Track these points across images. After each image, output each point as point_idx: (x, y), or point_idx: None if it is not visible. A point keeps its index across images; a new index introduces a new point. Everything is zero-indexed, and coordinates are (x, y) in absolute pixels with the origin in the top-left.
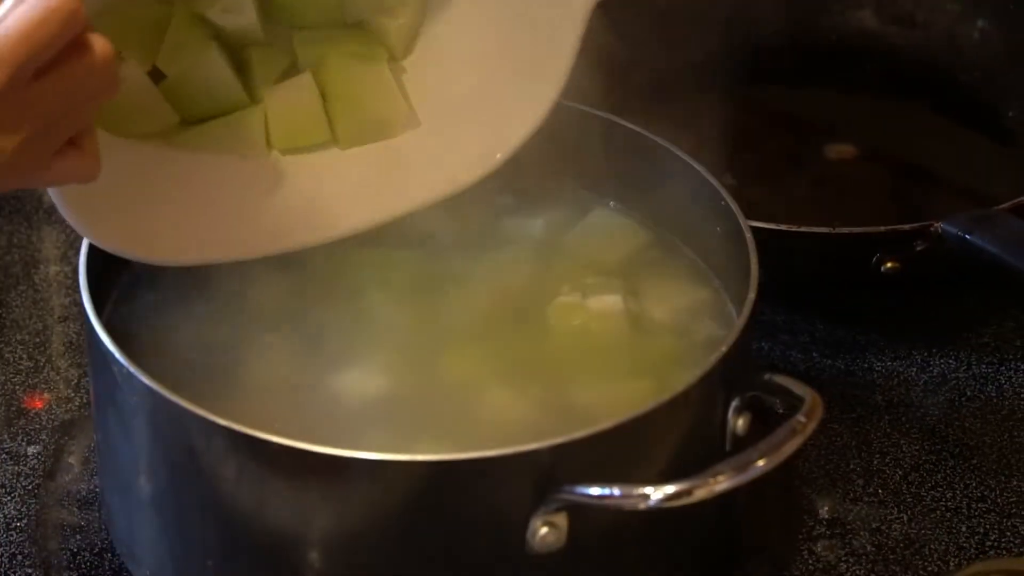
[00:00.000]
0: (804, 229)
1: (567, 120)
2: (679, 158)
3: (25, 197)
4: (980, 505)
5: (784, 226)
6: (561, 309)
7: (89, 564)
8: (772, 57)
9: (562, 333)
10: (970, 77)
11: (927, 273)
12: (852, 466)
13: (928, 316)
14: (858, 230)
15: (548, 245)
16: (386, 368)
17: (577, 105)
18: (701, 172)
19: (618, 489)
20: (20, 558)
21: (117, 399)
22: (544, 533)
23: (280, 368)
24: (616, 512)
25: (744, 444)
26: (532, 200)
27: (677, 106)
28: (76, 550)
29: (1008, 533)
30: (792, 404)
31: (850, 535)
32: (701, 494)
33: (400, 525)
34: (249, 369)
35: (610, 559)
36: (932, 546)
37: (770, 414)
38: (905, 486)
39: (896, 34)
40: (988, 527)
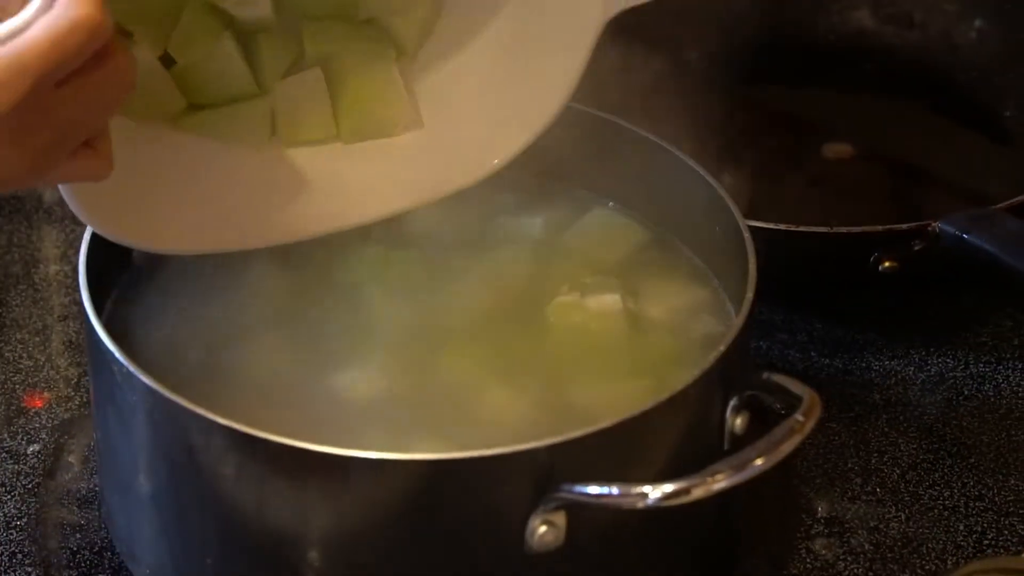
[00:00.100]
0: (802, 229)
1: (566, 120)
2: (677, 157)
3: (25, 197)
4: (977, 504)
5: (782, 226)
6: (560, 308)
7: (89, 563)
8: (770, 57)
9: (561, 332)
10: (967, 77)
11: (925, 272)
12: (850, 465)
13: (926, 315)
14: (856, 230)
15: (547, 244)
16: (385, 367)
17: (576, 105)
18: (699, 172)
19: (616, 488)
20: (20, 556)
21: (117, 398)
22: (543, 532)
23: (279, 367)
24: (614, 511)
25: (742, 443)
26: (531, 199)
27: (675, 105)
28: (76, 549)
29: (1005, 532)
30: (790, 403)
31: (848, 534)
32: (699, 493)
33: (399, 524)
34: (248, 368)
35: (608, 558)
36: (930, 545)
37: (768, 413)
38: (903, 485)
39: (893, 34)
40: (986, 526)
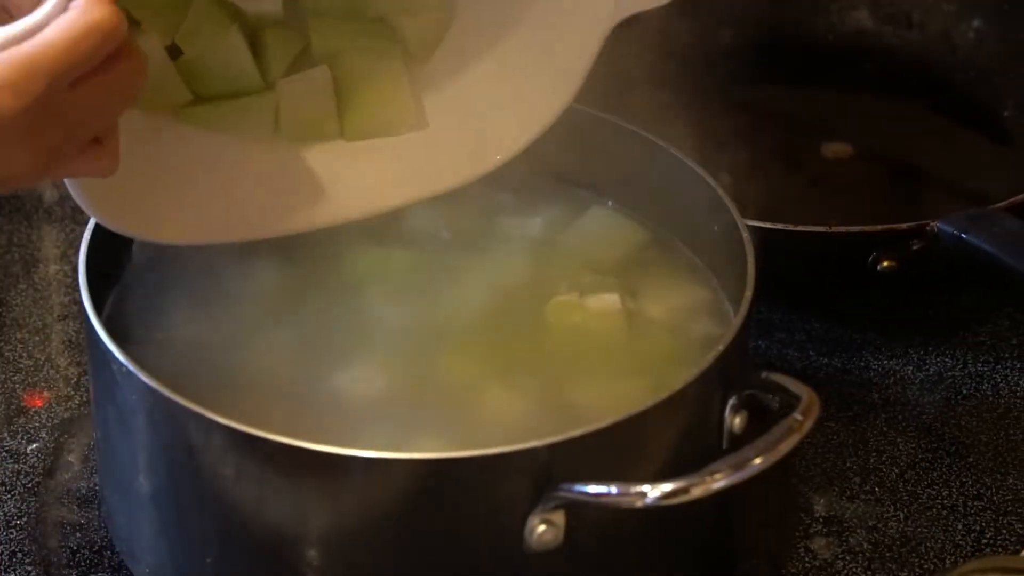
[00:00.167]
0: (801, 228)
1: (566, 119)
2: (676, 157)
3: (25, 197)
4: (976, 503)
5: (781, 225)
6: (559, 308)
7: (88, 562)
8: (769, 57)
9: (560, 332)
10: (966, 77)
11: (923, 272)
12: (849, 464)
13: (924, 315)
14: (854, 229)
15: (546, 244)
16: (384, 366)
17: (575, 104)
18: (698, 171)
19: (615, 487)
20: (20, 556)
21: (116, 397)
22: (542, 531)
23: (279, 366)
24: (613, 510)
25: (741, 442)
26: (530, 199)
27: (674, 105)
28: (76, 548)
29: (1004, 531)
30: (789, 402)
31: (847, 533)
32: (698, 492)
33: (398, 523)
34: (248, 367)
35: (607, 557)
36: (928, 544)
37: (767, 412)
38: (901, 484)
39: (892, 34)
40: (984, 525)
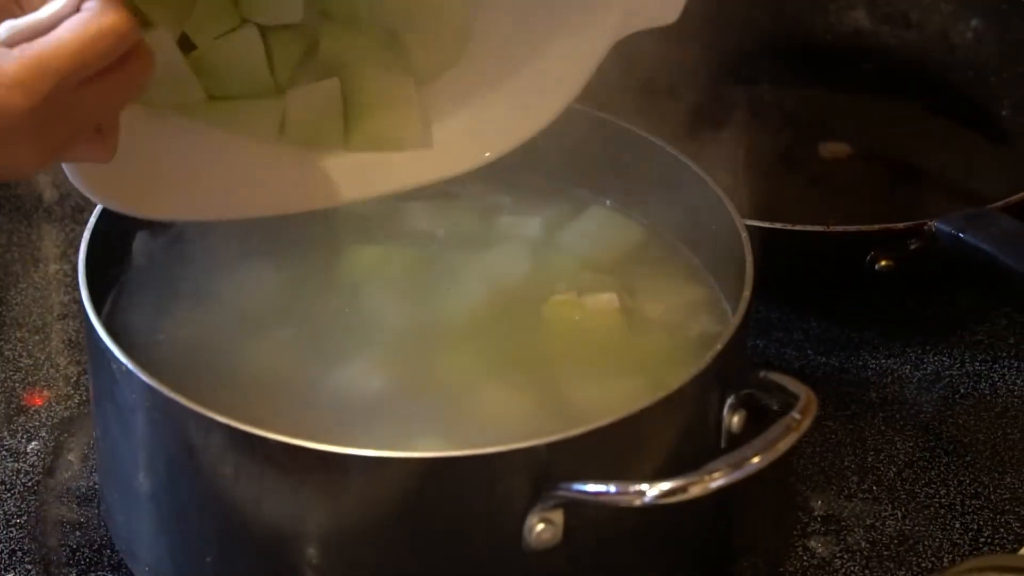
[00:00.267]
0: (799, 228)
1: (564, 119)
2: (674, 156)
3: (25, 196)
4: (974, 502)
5: (779, 225)
6: (557, 307)
7: (88, 560)
8: (767, 57)
9: (558, 331)
10: (964, 76)
11: (921, 271)
12: (846, 463)
13: (922, 314)
14: (852, 228)
15: (544, 243)
16: (383, 365)
17: (573, 104)
18: (696, 171)
19: (614, 486)
20: (20, 554)
21: (116, 396)
22: (540, 530)
23: (278, 365)
24: (612, 509)
25: (739, 441)
26: (528, 198)
27: (672, 105)
28: (75, 546)
29: (1001, 529)
30: (787, 401)
31: (844, 531)
32: (696, 491)
33: (397, 522)
34: (247, 366)
35: (606, 556)
36: (926, 542)
37: (765, 411)
38: (899, 483)
39: (890, 34)
40: (982, 523)
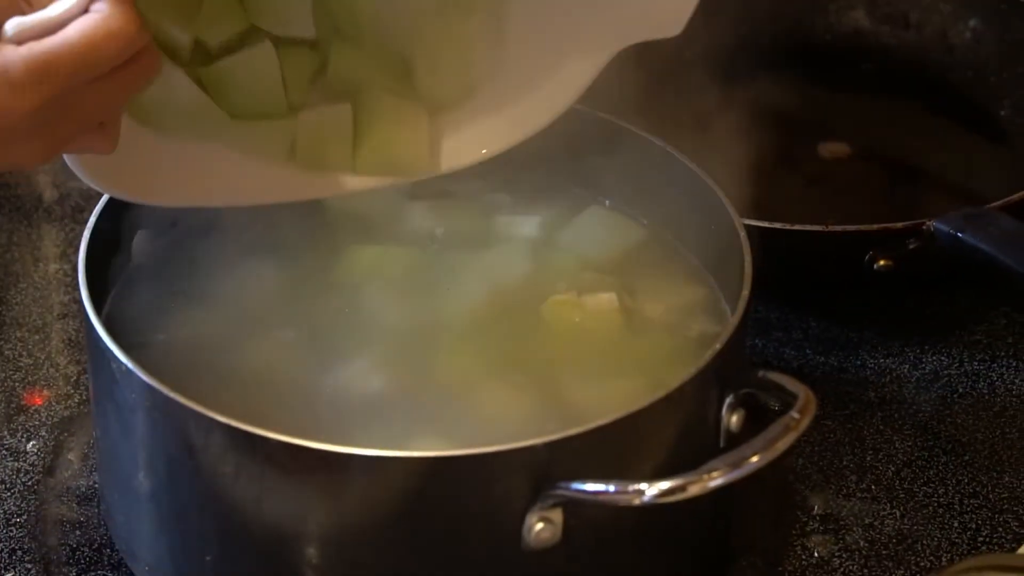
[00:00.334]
0: (798, 227)
1: (563, 118)
2: (673, 156)
3: (25, 196)
4: (972, 501)
5: (778, 224)
6: (556, 306)
7: (88, 559)
8: (766, 56)
9: (558, 330)
10: (963, 76)
11: (919, 271)
12: (845, 462)
13: (920, 313)
14: (851, 228)
15: (544, 243)
16: (382, 365)
17: (573, 104)
18: (695, 170)
19: (613, 485)
20: (20, 553)
21: (116, 396)
22: (540, 529)
23: (278, 365)
24: (611, 508)
25: (738, 441)
26: (528, 198)
27: (671, 104)
28: (75, 546)
29: (1000, 529)
30: (786, 401)
31: (843, 531)
32: (695, 490)
33: (397, 521)
34: (247, 366)
35: (605, 555)
36: (924, 542)
37: (764, 411)
38: (898, 482)
39: (890, 34)
40: (980, 523)
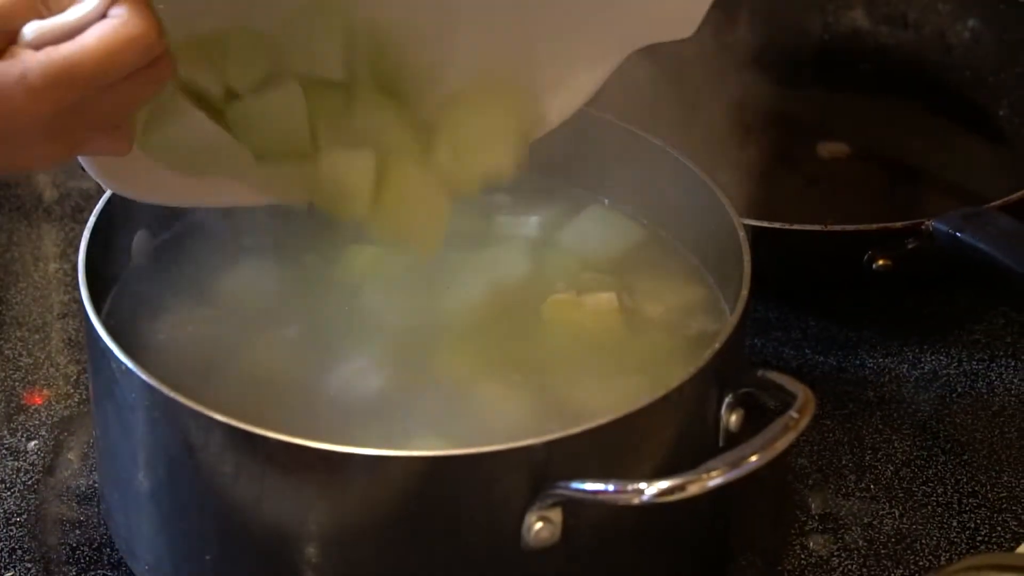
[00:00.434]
0: (797, 227)
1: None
2: (673, 156)
3: (25, 196)
4: (971, 500)
5: (777, 224)
6: (556, 306)
7: (88, 559)
8: (766, 56)
9: (557, 330)
10: (962, 76)
11: (918, 270)
12: (844, 462)
13: (919, 313)
14: (850, 228)
15: (543, 243)
16: (382, 365)
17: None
18: (695, 170)
19: (612, 484)
20: (20, 552)
21: (116, 395)
22: (539, 528)
23: (277, 364)
24: (610, 507)
25: (737, 440)
26: (527, 198)
27: (671, 104)
28: (75, 545)
29: (999, 528)
30: (785, 400)
31: (842, 530)
32: (694, 489)
33: (396, 520)
34: (246, 365)
35: (604, 554)
36: (923, 541)
37: (763, 410)
38: (897, 481)
39: (888, 34)
40: (979, 522)
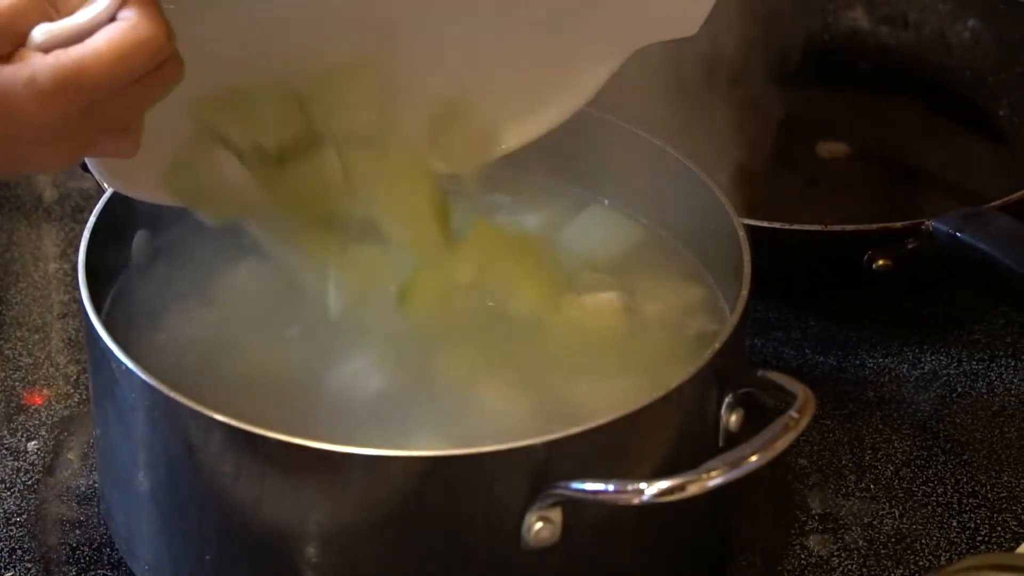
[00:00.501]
0: (797, 227)
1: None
2: (673, 156)
3: (25, 196)
4: (971, 500)
5: (777, 224)
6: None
7: (88, 559)
8: (765, 56)
9: (557, 330)
10: (961, 76)
11: (918, 270)
12: (844, 462)
13: (919, 313)
14: (850, 228)
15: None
16: (382, 364)
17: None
18: (695, 170)
19: (612, 485)
20: (20, 552)
21: (116, 395)
22: (539, 528)
23: (277, 364)
24: (610, 507)
25: (737, 440)
26: (527, 197)
27: (670, 104)
28: (75, 545)
29: (999, 528)
30: (784, 400)
31: (842, 530)
32: (694, 489)
33: (396, 520)
34: (247, 366)
35: (604, 554)
36: (923, 541)
37: (763, 410)
38: (896, 481)
39: (888, 34)
40: (979, 522)
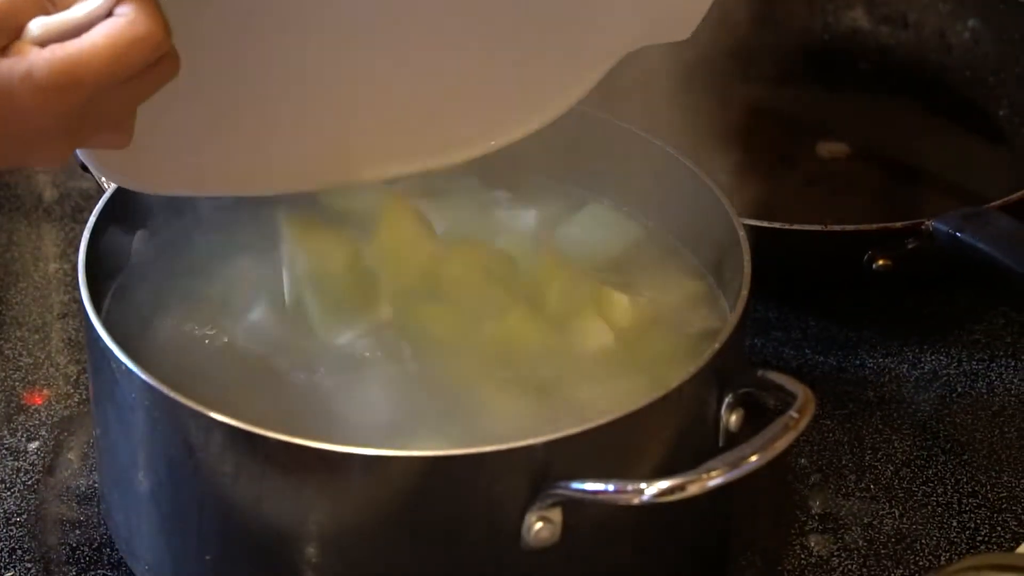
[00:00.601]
0: (796, 227)
1: (561, 118)
2: (673, 156)
3: (25, 196)
4: (971, 500)
5: (777, 224)
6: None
7: (88, 559)
8: (765, 56)
9: (557, 330)
10: (961, 76)
11: (918, 270)
12: (844, 462)
13: (919, 313)
14: (850, 228)
15: (542, 241)
16: (382, 364)
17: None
18: (694, 170)
19: (612, 484)
20: (20, 552)
21: (116, 395)
22: (539, 528)
23: (278, 365)
24: (610, 507)
25: (737, 440)
26: (527, 196)
27: (670, 104)
28: (75, 545)
29: (999, 528)
30: (784, 400)
31: (842, 530)
32: (694, 489)
33: (396, 520)
34: (247, 366)
35: (604, 554)
36: (923, 541)
37: (763, 410)
38: (897, 481)
39: (888, 34)
40: (979, 522)
